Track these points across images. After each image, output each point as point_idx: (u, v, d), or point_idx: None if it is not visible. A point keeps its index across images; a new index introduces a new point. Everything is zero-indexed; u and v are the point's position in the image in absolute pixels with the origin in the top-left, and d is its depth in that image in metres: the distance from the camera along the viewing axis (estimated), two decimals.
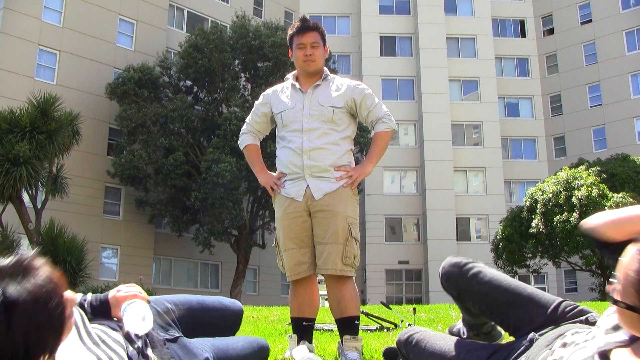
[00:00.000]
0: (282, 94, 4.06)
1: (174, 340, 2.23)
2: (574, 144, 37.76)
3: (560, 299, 2.16)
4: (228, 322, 2.60)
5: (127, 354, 1.91)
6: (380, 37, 38.81)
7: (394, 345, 2.67)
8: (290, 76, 4.14)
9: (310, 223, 3.85)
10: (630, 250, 1.52)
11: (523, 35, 40.96)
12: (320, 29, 4.02)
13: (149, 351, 2.06)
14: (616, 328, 1.67)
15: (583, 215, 22.42)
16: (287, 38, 4.08)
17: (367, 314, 6.29)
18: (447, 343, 2.29)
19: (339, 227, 3.76)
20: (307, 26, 3.98)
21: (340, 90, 3.96)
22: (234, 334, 2.63)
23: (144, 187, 27.58)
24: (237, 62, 28.06)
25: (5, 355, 1.27)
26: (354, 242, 3.80)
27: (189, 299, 2.46)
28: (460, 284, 2.34)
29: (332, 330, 5.57)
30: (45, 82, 26.50)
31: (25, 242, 19.45)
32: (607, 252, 1.77)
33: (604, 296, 24.97)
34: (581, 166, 25.56)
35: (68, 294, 1.56)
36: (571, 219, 22.58)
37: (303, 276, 3.83)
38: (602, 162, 26.60)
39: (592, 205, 22.27)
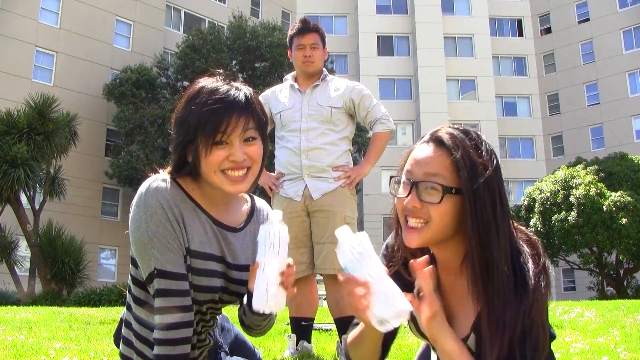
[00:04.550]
0: (280, 94, 4.07)
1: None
2: (571, 143, 37.77)
3: None
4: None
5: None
6: (378, 36, 38.79)
7: None
8: (289, 77, 4.15)
9: (308, 223, 3.85)
10: None
11: (520, 34, 40.97)
12: (320, 31, 4.03)
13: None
14: None
15: (581, 214, 22.47)
16: (287, 38, 4.09)
17: None
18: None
19: (337, 227, 3.75)
20: (307, 27, 3.99)
21: (339, 91, 3.96)
22: None
23: None
24: (234, 62, 28.04)
25: None
26: None
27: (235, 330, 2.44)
28: None
29: (331, 330, 5.57)
30: (42, 84, 26.47)
31: (23, 243, 19.45)
32: None
33: (602, 295, 25.01)
34: (579, 165, 25.57)
35: None
36: (569, 218, 22.59)
37: (302, 276, 3.83)
38: (600, 161, 26.61)
39: (590, 204, 22.30)
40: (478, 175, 1.55)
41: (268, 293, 1.71)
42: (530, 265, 1.57)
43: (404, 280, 1.77)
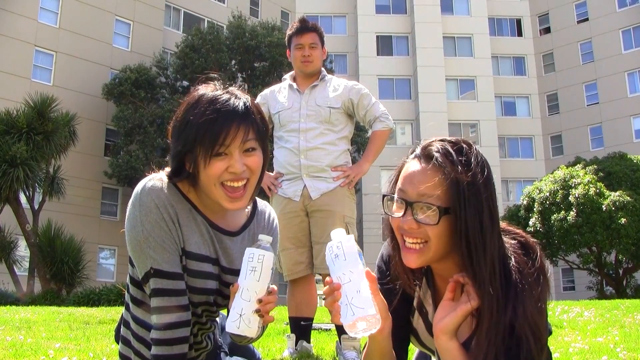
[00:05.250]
0: (279, 94, 4.06)
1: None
2: (571, 142, 37.78)
3: None
4: None
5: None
6: (377, 36, 38.78)
7: None
8: (287, 76, 4.14)
9: (307, 223, 3.85)
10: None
11: (519, 34, 40.97)
12: (319, 30, 4.02)
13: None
14: None
15: (580, 213, 22.46)
16: (286, 38, 4.08)
17: None
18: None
19: (336, 227, 3.75)
20: (306, 27, 3.98)
21: (338, 91, 3.95)
22: None
23: None
24: (233, 62, 28.02)
25: None
26: None
27: None
28: None
29: (330, 329, 5.57)
30: (41, 83, 26.46)
31: (22, 243, 19.43)
32: None
33: (601, 295, 25.01)
34: (578, 165, 25.56)
35: None
36: (568, 217, 22.58)
37: (301, 276, 3.83)
38: (599, 160, 26.61)
39: (589, 204, 22.29)
40: (466, 193, 1.51)
41: (241, 318, 1.69)
42: (513, 280, 1.54)
43: (395, 294, 1.75)
